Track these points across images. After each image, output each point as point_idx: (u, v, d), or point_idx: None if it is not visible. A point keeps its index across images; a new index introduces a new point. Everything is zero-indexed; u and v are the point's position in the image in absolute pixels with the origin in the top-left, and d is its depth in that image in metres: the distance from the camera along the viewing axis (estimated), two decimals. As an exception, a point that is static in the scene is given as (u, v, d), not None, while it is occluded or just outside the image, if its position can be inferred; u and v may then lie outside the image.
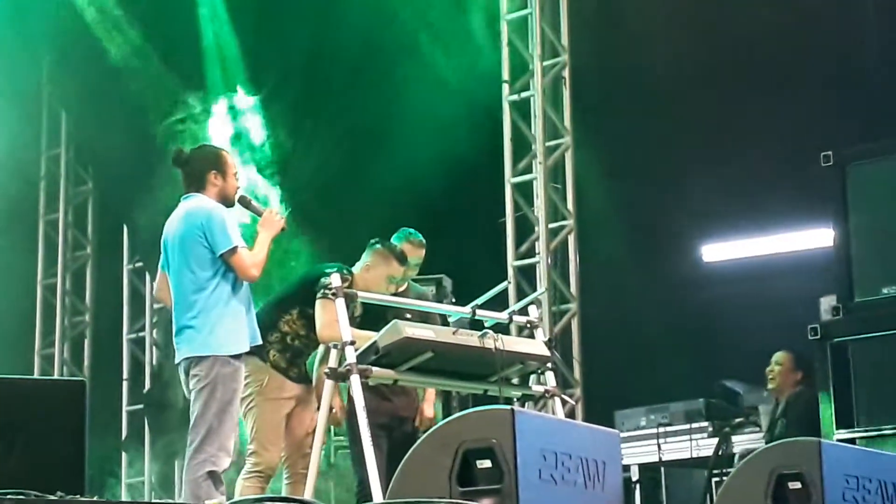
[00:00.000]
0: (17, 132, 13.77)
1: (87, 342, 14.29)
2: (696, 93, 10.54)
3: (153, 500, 13.51)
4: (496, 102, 11.64)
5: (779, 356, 9.48)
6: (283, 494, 7.09)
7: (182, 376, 6.31)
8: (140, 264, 14.07)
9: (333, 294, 6.60)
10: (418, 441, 5.31)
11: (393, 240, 7.65)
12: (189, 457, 5.77)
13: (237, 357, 6.15)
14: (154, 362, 13.82)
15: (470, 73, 11.73)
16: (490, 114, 11.74)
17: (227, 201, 6.33)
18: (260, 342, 6.58)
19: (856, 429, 7.94)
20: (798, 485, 5.28)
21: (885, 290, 8.61)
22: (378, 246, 7.44)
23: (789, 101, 10.26)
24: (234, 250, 6.06)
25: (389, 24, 12.14)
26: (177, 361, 6.38)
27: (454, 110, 11.48)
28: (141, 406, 13.53)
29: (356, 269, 7.27)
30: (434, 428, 5.31)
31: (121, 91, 13.35)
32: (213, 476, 5.61)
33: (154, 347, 13.93)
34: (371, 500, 6.00)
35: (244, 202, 6.95)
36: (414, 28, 11.84)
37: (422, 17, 11.80)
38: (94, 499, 5.04)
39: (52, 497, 4.13)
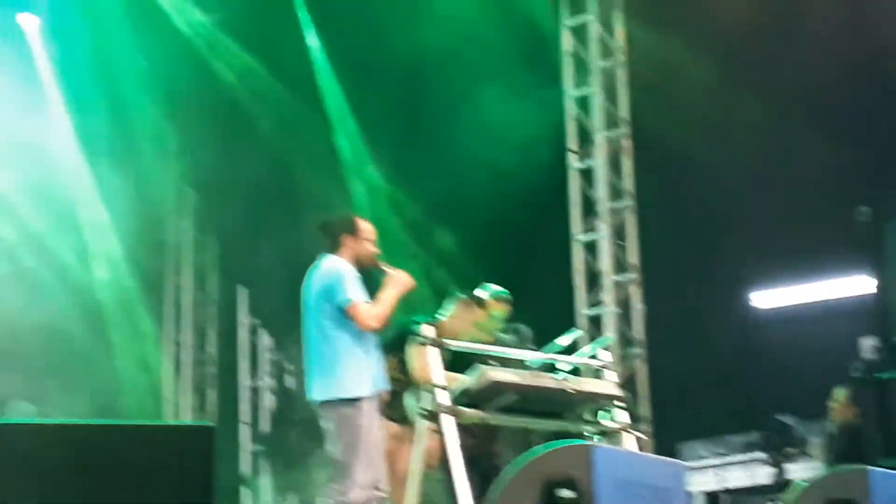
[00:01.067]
0: (149, 204, 14.26)
1: (210, 389, 14.84)
2: (745, 154, 10.89)
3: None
4: (558, 164, 12.19)
5: (837, 393, 9.85)
6: (388, 526, 7.74)
7: (320, 415, 6.64)
8: (257, 320, 14.41)
9: (427, 339, 6.39)
10: (506, 473, 5.10)
11: (483, 292, 7.62)
12: (328, 492, 6.14)
13: (359, 399, 6.36)
14: (274, 408, 14.14)
15: (535, 136, 11.92)
16: (553, 174, 12.23)
17: (360, 262, 6.54)
18: (387, 386, 6.80)
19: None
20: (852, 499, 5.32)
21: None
22: (463, 297, 7.53)
23: (832, 157, 10.29)
24: (353, 305, 6.28)
25: (466, 95, 12.34)
26: (311, 400, 6.64)
27: (519, 171, 11.76)
28: (261, 447, 13.73)
29: (442, 317, 7.36)
30: (519, 461, 5.12)
31: (244, 169, 13.62)
32: None
33: (271, 393, 14.19)
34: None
35: (377, 264, 7.00)
36: (488, 102, 11.93)
37: (493, 91, 11.98)
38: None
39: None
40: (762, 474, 10.13)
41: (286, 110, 13.99)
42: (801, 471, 9.69)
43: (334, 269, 6.38)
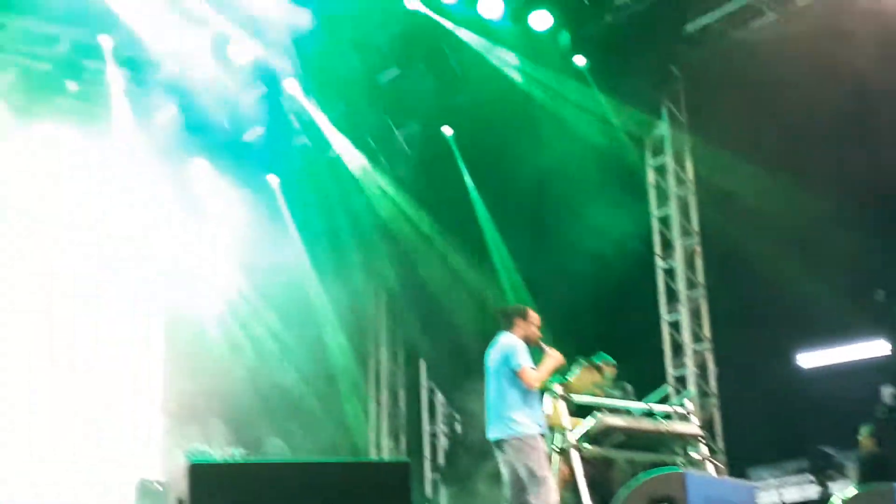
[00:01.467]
0: (358, 303, 15.95)
1: (402, 435, 15.75)
2: (787, 248, 10.87)
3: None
4: (648, 262, 12.92)
5: (864, 429, 9.93)
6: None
7: (496, 451, 7.27)
8: (433, 383, 15.58)
9: (557, 395, 7.60)
10: (620, 495, 6.26)
11: (594, 360, 8.72)
12: None
13: (533, 436, 6.96)
14: (447, 447, 14.99)
15: (630, 241, 12.52)
16: (644, 270, 12.91)
17: (527, 340, 7.23)
18: (545, 430, 7.30)
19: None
20: None
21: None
22: (584, 362, 8.59)
23: (856, 248, 10.31)
24: (523, 370, 6.97)
25: (578, 210, 12.51)
26: (490, 439, 7.37)
27: (618, 267, 12.29)
28: (438, 476, 14.74)
29: (570, 378, 8.29)
30: (630, 485, 6.01)
31: (420, 277, 14.76)
32: None
33: (444, 436, 15.16)
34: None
35: (539, 343, 7.62)
36: (594, 215, 12.10)
37: (598, 207, 12.15)
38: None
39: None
40: (811, 492, 10.61)
41: (451, 230, 14.55)
42: (840, 489, 9.73)
43: (511, 343, 7.15)
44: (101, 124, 14.50)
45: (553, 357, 7.43)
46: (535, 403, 7.19)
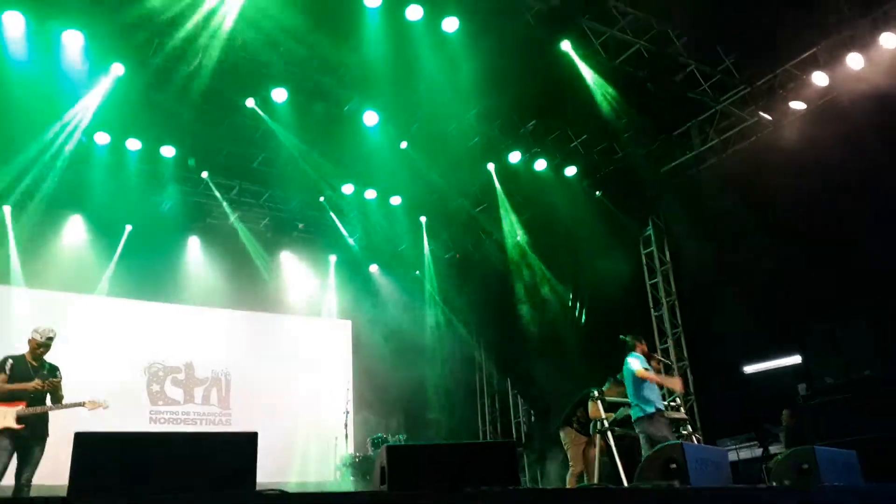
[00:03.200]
0: (468, 352, 15.23)
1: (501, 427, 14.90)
2: (735, 296, 10.27)
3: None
4: (645, 311, 12.60)
5: (786, 412, 10.39)
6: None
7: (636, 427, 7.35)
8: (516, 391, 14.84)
9: (596, 399, 7.97)
10: (643, 459, 5.89)
11: (618, 377, 8.19)
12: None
13: (651, 414, 7.12)
14: (525, 431, 14.42)
15: (632, 297, 12.45)
16: (642, 314, 12.52)
17: (645, 358, 7.49)
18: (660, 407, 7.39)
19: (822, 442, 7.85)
20: (807, 465, 5.60)
21: (828, 380, 9.49)
22: (611, 379, 8.45)
23: (787, 292, 9.92)
24: (642, 374, 7.17)
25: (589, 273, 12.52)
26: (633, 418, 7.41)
27: (625, 312, 12.10)
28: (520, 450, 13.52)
29: (605, 387, 8.32)
30: (656, 449, 5.67)
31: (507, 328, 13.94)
32: None
33: (525, 424, 14.53)
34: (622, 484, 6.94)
35: (653, 358, 8.11)
36: (603, 276, 12.14)
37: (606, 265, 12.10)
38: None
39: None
40: (757, 452, 10.64)
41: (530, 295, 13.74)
42: (775, 449, 10.11)
43: (632, 360, 7.37)
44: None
45: (673, 381, 7.90)
46: (652, 393, 7.33)
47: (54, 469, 5.34)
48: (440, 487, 3.71)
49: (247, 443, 3.38)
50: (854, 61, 9.54)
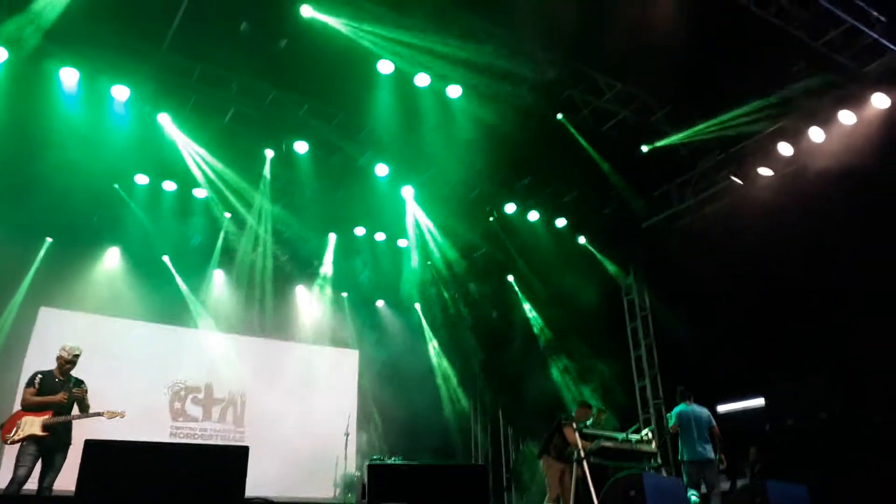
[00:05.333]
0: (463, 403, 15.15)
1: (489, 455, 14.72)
2: (714, 342, 10.20)
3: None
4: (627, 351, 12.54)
5: (752, 448, 10.14)
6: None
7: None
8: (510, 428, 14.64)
9: (568, 422, 7.77)
10: (608, 484, 6.05)
11: (586, 401, 8.91)
12: None
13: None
14: (513, 459, 14.20)
15: (616, 341, 12.54)
16: (625, 354, 12.48)
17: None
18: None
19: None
20: (759, 499, 5.73)
21: (789, 422, 9.56)
22: (578, 404, 8.83)
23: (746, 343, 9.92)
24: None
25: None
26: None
27: (611, 352, 12.16)
28: (508, 476, 13.89)
29: (574, 413, 8.40)
30: (616, 478, 5.83)
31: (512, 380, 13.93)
32: None
33: (514, 453, 14.29)
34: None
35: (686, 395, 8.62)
36: (592, 325, 12.17)
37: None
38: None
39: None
40: (725, 486, 9.69)
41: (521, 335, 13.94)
42: (742, 482, 9.65)
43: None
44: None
45: None
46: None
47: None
48: (415, 503, 3.71)
49: (238, 455, 3.42)
50: (816, 134, 9.69)
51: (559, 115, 9.88)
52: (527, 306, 13.86)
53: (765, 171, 10.59)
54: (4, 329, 10.93)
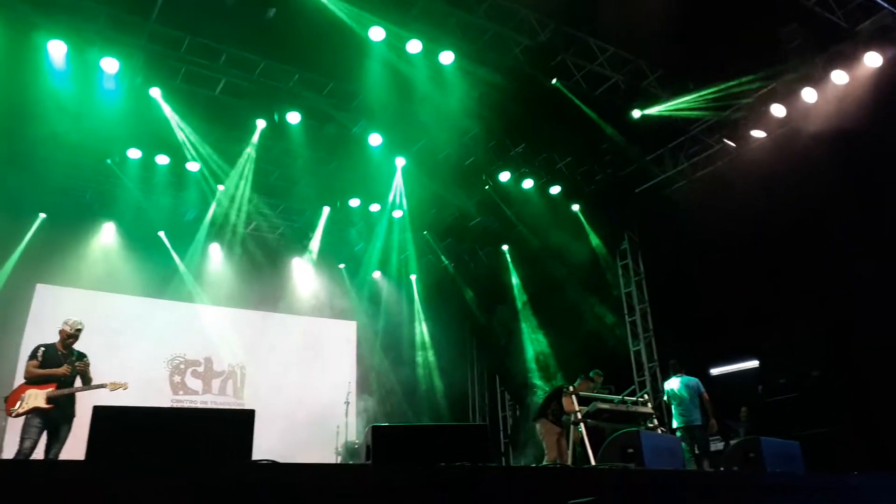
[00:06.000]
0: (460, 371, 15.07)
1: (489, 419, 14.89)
2: (707, 308, 10.19)
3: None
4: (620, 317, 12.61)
5: (743, 409, 10.45)
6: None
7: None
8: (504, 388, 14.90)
9: (569, 393, 7.99)
10: (605, 443, 5.80)
11: (590, 374, 8.88)
12: None
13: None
14: (511, 424, 14.42)
15: (609, 305, 12.53)
16: (618, 320, 12.54)
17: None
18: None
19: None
20: (753, 454, 5.65)
21: (781, 381, 9.62)
22: (583, 376, 8.77)
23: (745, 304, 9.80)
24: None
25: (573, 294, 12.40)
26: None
27: (604, 319, 12.30)
28: (505, 440, 14.25)
29: (576, 383, 8.49)
30: (614, 436, 5.61)
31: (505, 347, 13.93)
32: None
33: (511, 418, 14.52)
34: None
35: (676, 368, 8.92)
36: (586, 288, 12.29)
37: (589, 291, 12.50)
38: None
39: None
40: (719, 445, 10.18)
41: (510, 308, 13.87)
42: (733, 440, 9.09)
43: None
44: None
45: None
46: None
47: (81, 446, 5.47)
48: (418, 463, 3.77)
49: (245, 419, 3.48)
50: (809, 95, 9.67)
51: (553, 81, 9.80)
52: (517, 276, 13.88)
53: (758, 134, 10.59)
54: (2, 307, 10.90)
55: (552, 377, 12.07)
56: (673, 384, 9.31)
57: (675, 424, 8.97)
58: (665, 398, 9.43)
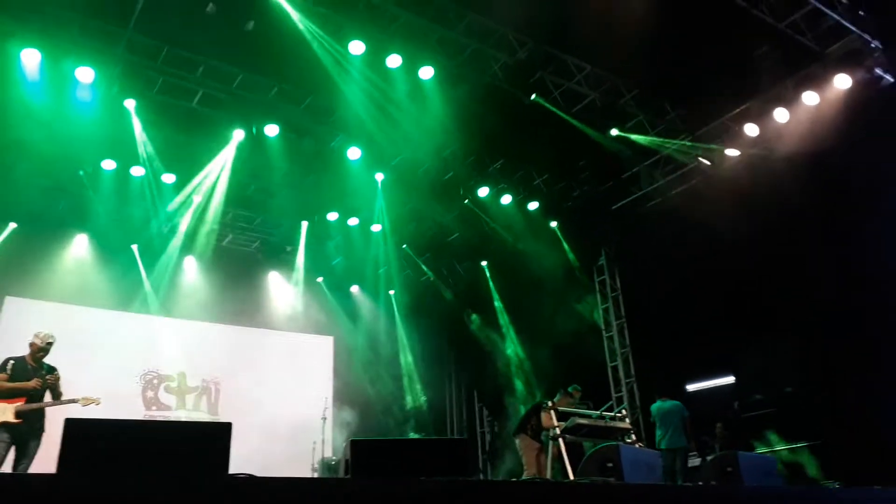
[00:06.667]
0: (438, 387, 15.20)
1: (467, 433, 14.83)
2: (683, 324, 10.29)
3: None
4: (597, 333, 12.67)
5: (718, 425, 10.24)
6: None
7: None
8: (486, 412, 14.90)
9: (548, 409, 7.84)
10: (585, 458, 5.90)
11: (569, 389, 8.77)
12: None
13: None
14: (489, 440, 14.49)
15: (585, 321, 12.43)
16: (595, 337, 12.60)
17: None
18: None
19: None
20: (731, 469, 5.75)
21: (757, 396, 9.92)
22: (562, 391, 8.71)
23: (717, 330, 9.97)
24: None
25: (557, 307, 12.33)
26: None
27: (581, 334, 12.03)
28: (485, 457, 14.15)
29: (556, 399, 8.40)
30: (593, 450, 5.70)
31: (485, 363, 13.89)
32: None
33: (489, 434, 14.61)
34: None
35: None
36: (562, 303, 12.12)
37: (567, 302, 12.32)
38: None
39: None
40: (696, 461, 10.05)
41: (490, 321, 13.93)
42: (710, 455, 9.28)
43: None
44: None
45: None
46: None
47: (50, 462, 5.34)
48: (398, 477, 3.71)
49: (222, 432, 3.40)
50: (780, 115, 9.88)
51: (533, 96, 9.86)
52: (495, 290, 13.93)
53: (732, 152, 10.77)
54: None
55: (531, 391, 12.02)
56: (660, 408, 9.53)
57: (660, 446, 9.17)
58: (652, 419, 9.63)
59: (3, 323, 10.95)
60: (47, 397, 6.65)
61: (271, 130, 10.16)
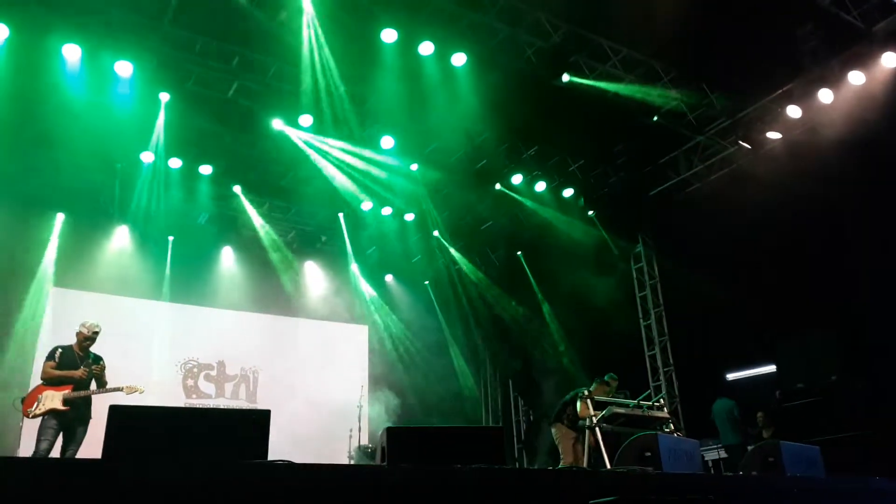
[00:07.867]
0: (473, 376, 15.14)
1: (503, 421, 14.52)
2: (718, 314, 10.19)
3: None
4: (635, 321, 12.51)
5: (760, 414, 10.11)
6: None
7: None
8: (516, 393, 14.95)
9: (584, 398, 7.93)
10: (622, 447, 5.85)
11: (605, 378, 8.64)
12: None
13: None
14: (524, 428, 14.51)
15: (624, 310, 12.26)
16: (633, 325, 12.44)
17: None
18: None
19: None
20: (772, 459, 5.69)
21: (799, 385, 9.57)
22: (598, 380, 8.60)
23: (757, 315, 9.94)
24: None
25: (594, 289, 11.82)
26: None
27: (619, 324, 11.78)
28: (519, 445, 14.24)
29: (592, 388, 8.36)
30: (631, 439, 5.67)
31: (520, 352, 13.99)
32: None
33: (524, 423, 14.62)
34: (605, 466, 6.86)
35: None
36: (600, 291, 11.63)
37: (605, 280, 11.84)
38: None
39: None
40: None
41: (530, 310, 13.76)
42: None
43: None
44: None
45: None
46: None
47: (97, 448, 5.50)
48: (433, 464, 3.73)
49: (261, 419, 3.45)
50: (825, 96, 9.61)
51: (565, 77, 9.63)
52: (532, 279, 13.78)
53: (773, 135, 10.53)
54: (21, 309, 10.94)
55: (568, 380, 11.91)
56: (713, 406, 10.04)
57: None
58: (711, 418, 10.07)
59: (49, 313, 11.23)
60: (93, 385, 6.83)
61: (305, 121, 10.21)
